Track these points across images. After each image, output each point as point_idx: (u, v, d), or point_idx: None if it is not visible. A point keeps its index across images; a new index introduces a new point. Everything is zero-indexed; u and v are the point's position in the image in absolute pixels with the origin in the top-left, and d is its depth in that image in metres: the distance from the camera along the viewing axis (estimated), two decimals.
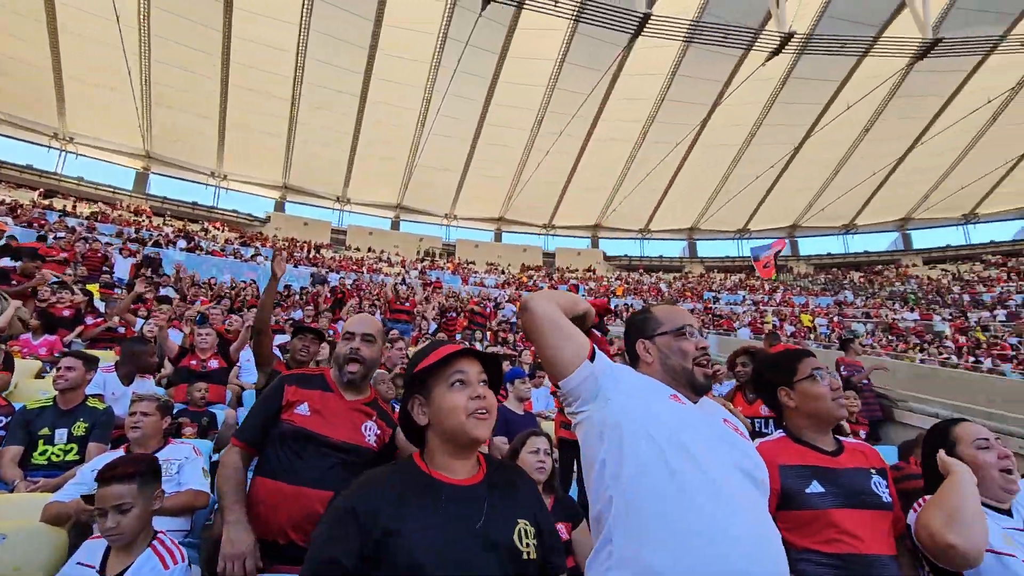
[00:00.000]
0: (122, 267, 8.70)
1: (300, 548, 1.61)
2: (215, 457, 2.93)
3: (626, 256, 33.71)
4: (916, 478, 1.90)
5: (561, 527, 2.04)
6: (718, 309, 23.18)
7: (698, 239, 34.13)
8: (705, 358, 1.34)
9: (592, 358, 1.29)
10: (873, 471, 1.50)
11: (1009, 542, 1.40)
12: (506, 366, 5.11)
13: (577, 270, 30.17)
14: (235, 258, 17.17)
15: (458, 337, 9.42)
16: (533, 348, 9.49)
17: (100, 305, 6.12)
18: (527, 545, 1.08)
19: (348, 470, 1.71)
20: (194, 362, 4.21)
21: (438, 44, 22.00)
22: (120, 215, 21.19)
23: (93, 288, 6.37)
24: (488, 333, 10.65)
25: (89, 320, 5.56)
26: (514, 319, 14.86)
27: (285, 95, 23.94)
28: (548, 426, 4.26)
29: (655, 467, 1.13)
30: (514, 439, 2.35)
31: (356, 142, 26.43)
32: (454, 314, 11.41)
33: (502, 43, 22.19)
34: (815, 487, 1.42)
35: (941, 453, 1.52)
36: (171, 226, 21.24)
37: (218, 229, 24.07)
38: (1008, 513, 1.51)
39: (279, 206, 29.36)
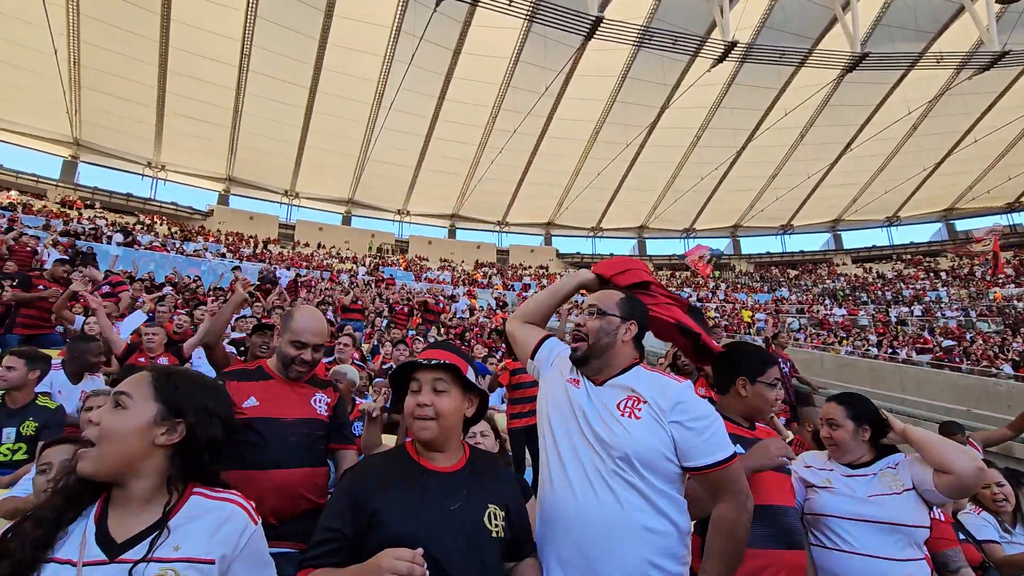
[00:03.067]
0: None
1: (277, 526, 1.74)
2: None
3: (578, 254, 34.35)
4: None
5: None
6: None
7: (647, 237, 35.19)
8: (575, 333, 1.58)
9: (534, 355, 1.68)
10: None
11: (827, 483, 1.84)
12: None
13: (531, 267, 30.52)
14: (178, 254, 16.40)
15: (411, 333, 9.44)
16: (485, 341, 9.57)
17: None
18: (496, 526, 1.27)
19: (308, 443, 1.88)
20: (142, 359, 4.11)
21: (391, 38, 21.71)
22: (46, 206, 19.83)
23: None
24: (442, 328, 10.72)
25: None
26: (468, 315, 14.99)
27: (229, 84, 22.97)
28: (500, 419, 4.46)
29: (543, 448, 1.55)
30: None
31: (305, 135, 25.69)
32: (404, 307, 11.38)
33: (456, 39, 22.14)
34: (738, 448, 1.69)
35: (891, 418, 1.89)
36: (104, 218, 20.05)
37: (156, 222, 22.89)
38: (852, 466, 1.89)
39: (223, 199, 28.14)
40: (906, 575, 1.62)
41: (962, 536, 2.35)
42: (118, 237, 14.84)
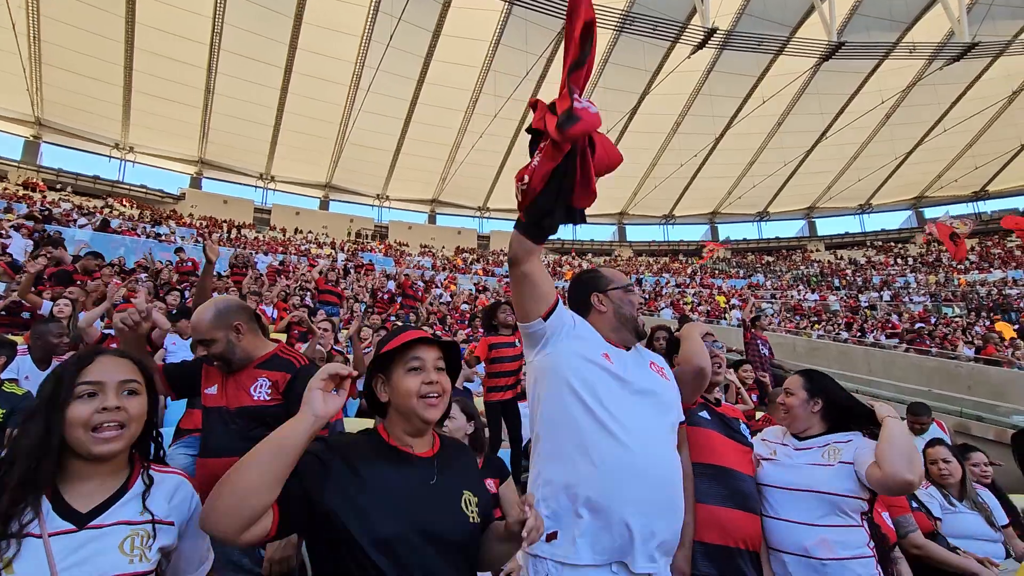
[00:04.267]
0: (18, 246, 7.90)
1: None
2: None
3: (559, 240, 34.44)
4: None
5: (490, 482, 2.26)
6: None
7: (627, 224, 35.45)
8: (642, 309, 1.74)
9: (547, 316, 1.57)
10: (740, 420, 1.98)
11: (772, 454, 1.91)
12: None
13: None
14: (149, 238, 15.96)
15: (392, 319, 9.40)
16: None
17: None
18: (471, 511, 1.26)
19: (246, 431, 1.82)
20: (114, 345, 4.03)
21: (369, 17, 21.23)
22: (7, 189, 19.07)
23: None
24: (424, 314, 10.67)
25: None
26: (447, 299, 14.98)
27: (200, 62, 22.26)
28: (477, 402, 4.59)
29: (575, 410, 1.49)
30: None
31: (281, 116, 25.11)
32: (386, 296, 11.32)
33: (436, 20, 21.76)
34: (704, 414, 1.89)
35: (877, 406, 1.88)
36: (69, 201, 19.37)
37: (124, 206, 22.21)
38: (800, 438, 1.93)
39: (195, 182, 27.42)
40: (819, 539, 1.70)
41: (915, 505, 2.60)
42: (83, 221, 14.37)
